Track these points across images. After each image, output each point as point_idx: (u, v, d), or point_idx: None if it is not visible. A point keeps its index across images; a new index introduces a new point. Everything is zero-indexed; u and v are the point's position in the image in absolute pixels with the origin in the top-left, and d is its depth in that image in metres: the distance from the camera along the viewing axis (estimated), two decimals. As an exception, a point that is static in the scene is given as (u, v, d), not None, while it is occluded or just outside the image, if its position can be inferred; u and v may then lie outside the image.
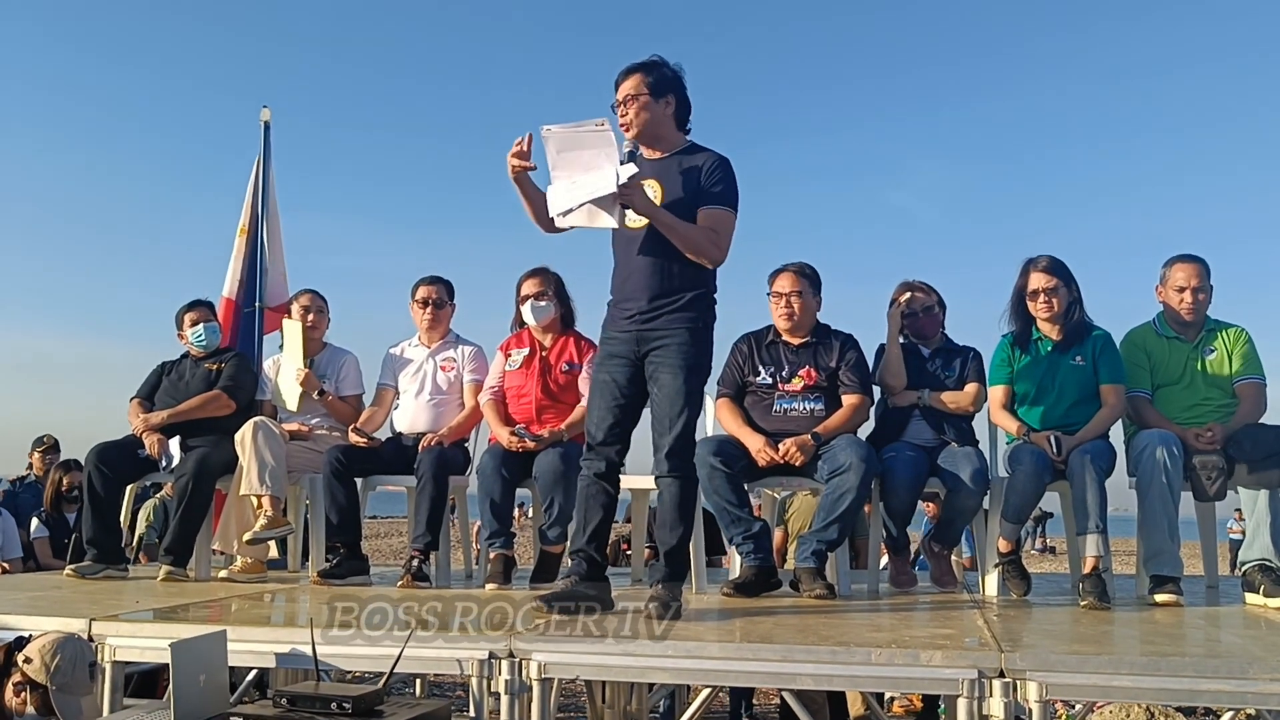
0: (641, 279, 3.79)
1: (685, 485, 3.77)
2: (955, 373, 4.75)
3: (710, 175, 3.76)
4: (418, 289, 5.40)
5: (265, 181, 6.72)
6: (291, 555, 5.81)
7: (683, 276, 3.75)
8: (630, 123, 3.79)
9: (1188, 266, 4.57)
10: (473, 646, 3.18)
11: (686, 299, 3.74)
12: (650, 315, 3.76)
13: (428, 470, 4.79)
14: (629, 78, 3.79)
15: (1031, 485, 4.26)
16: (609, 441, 3.83)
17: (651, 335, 3.75)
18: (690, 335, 3.72)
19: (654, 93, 3.78)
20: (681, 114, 3.86)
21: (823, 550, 4.30)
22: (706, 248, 3.72)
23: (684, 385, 3.68)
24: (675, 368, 3.68)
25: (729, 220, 3.76)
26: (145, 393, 5.44)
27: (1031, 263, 4.58)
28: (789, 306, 4.60)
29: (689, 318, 3.73)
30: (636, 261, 3.80)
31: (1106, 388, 4.47)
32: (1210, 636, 3.60)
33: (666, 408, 3.70)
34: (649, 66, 3.79)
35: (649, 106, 3.78)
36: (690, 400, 3.70)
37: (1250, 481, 4.19)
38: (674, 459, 3.72)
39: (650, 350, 3.75)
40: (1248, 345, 4.56)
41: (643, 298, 3.78)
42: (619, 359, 3.82)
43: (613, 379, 3.83)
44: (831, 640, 3.16)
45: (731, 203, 3.77)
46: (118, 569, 5.07)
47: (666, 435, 3.70)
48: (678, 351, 3.70)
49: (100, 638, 3.45)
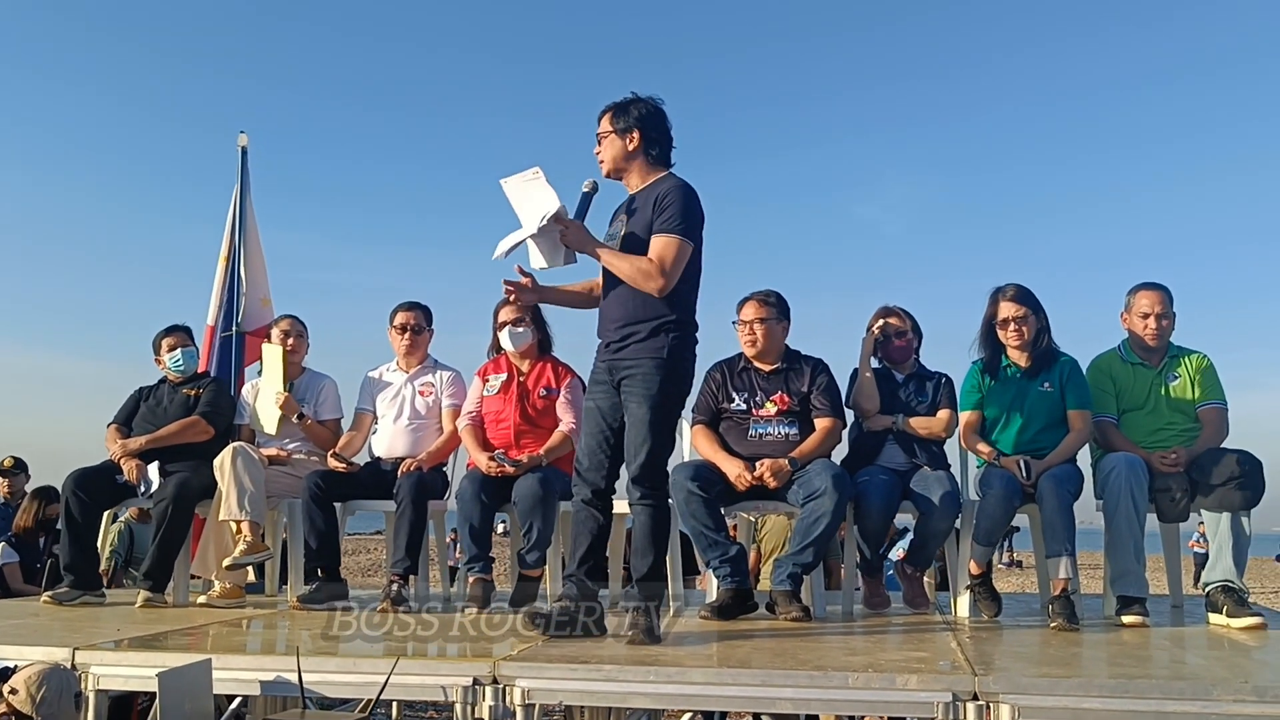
0: (610, 311, 3.92)
1: (655, 513, 3.85)
2: (927, 398, 4.84)
3: (661, 203, 3.81)
4: (396, 315, 5.44)
5: (243, 206, 6.76)
6: (269, 580, 5.81)
7: (646, 307, 3.81)
8: (601, 159, 3.94)
9: (1151, 294, 4.69)
10: (457, 673, 3.22)
11: (650, 329, 3.80)
12: (619, 346, 3.86)
13: (407, 495, 4.83)
14: (602, 116, 3.94)
15: (1001, 509, 4.36)
16: (594, 467, 3.91)
17: (621, 365, 3.85)
18: (655, 365, 3.77)
19: (619, 130, 3.89)
20: (654, 149, 3.92)
21: (798, 573, 4.37)
22: (641, 279, 3.77)
23: (648, 415, 3.75)
24: (640, 397, 3.76)
25: (673, 246, 3.75)
26: (122, 418, 5.44)
27: (1000, 291, 4.69)
28: (753, 334, 4.70)
29: (654, 347, 3.79)
30: (609, 293, 3.92)
31: (1074, 413, 4.58)
32: (1176, 658, 3.70)
33: (632, 436, 3.80)
34: (619, 105, 3.91)
35: (613, 143, 3.90)
36: (655, 430, 3.76)
37: (1213, 504, 4.29)
38: (641, 486, 3.79)
39: (620, 380, 3.85)
40: (1210, 371, 4.69)
41: (611, 329, 3.90)
42: (601, 386, 3.93)
43: (597, 406, 3.94)
44: (809, 664, 3.23)
45: (678, 229, 3.76)
46: (95, 595, 5.06)
47: (632, 464, 3.80)
48: (643, 381, 3.77)
49: (84, 666, 3.46)
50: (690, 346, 3.91)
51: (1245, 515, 4.28)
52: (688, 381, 3.92)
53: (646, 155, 3.92)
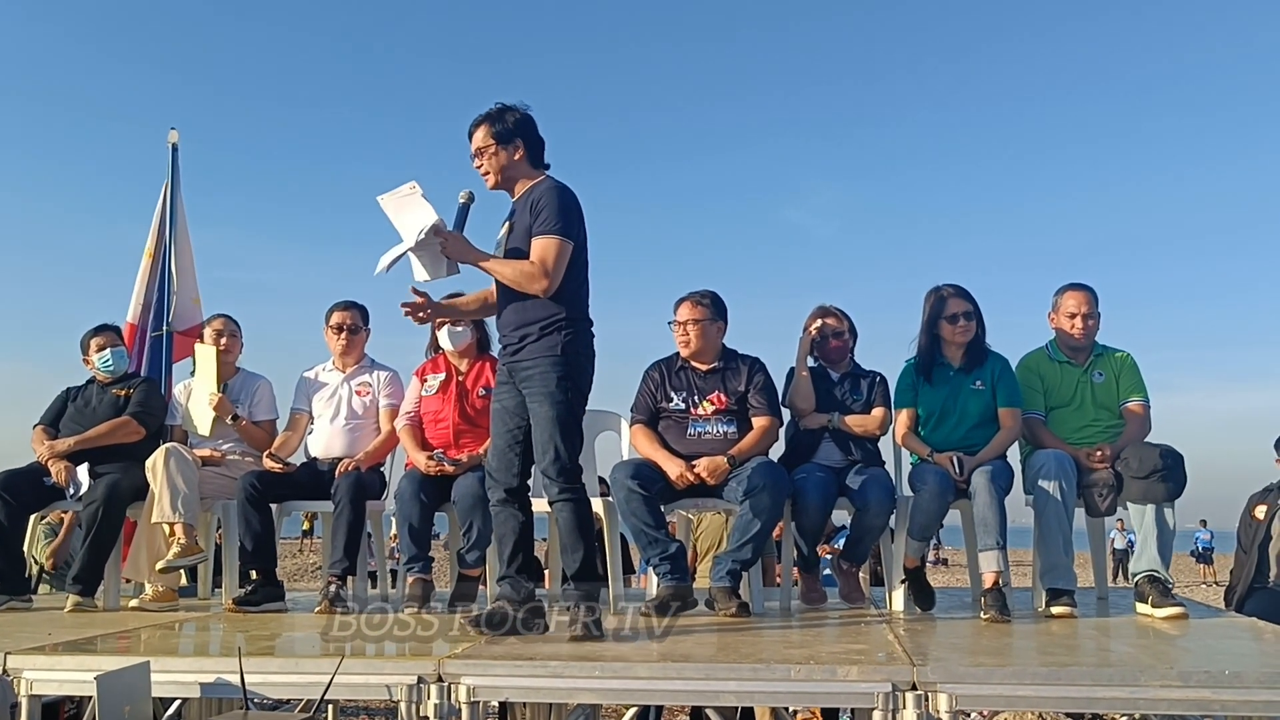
0: (504, 316, 3.98)
1: (576, 507, 3.85)
2: (862, 396, 4.93)
3: (536, 206, 3.85)
4: (332, 314, 5.40)
5: (173, 204, 6.64)
6: (202, 583, 5.73)
7: (535, 309, 3.85)
8: (487, 172, 3.95)
9: (1078, 294, 4.83)
10: (401, 671, 3.21)
11: (540, 329, 3.84)
12: (515, 348, 3.90)
13: (345, 495, 4.80)
14: (477, 130, 3.94)
15: (936, 504, 4.45)
16: (503, 467, 3.95)
17: (519, 367, 3.88)
18: (551, 364, 3.80)
19: (501, 141, 3.91)
20: (534, 154, 3.97)
21: (737, 570, 4.42)
22: (526, 282, 3.81)
23: (551, 412, 3.78)
24: (541, 397, 3.80)
25: (553, 247, 3.78)
26: (50, 419, 5.33)
27: (945, 288, 4.79)
28: (686, 334, 4.75)
29: (548, 346, 3.82)
30: (503, 297, 3.96)
31: (1004, 411, 4.69)
32: (1103, 646, 3.81)
33: (539, 435, 3.83)
34: (493, 117, 3.92)
35: (498, 154, 3.91)
36: (560, 424, 3.78)
37: (1138, 496, 4.42)
38: (557, 483, 3.80)
39: (521, 381, 3.89)
40: (1133, 369, 4.84)
41: (507, 332, 3.96)
42: (505, 387, 3.99)
43: (503, 406, 3.98)
44: (752, 658, 3.28)
45: (555, 229, 3.80)
46: (21, 600, 4.96)
47: (542, 461, 3.82)
48: (541, 381, 3.81)
49: (16, 671, 3.38)
50: (585, 342, 3.93)
51: (1169, 507, 4.41)
52: (587, 376, 3.94)
53: (529, 162, 3.96)
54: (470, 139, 3.96)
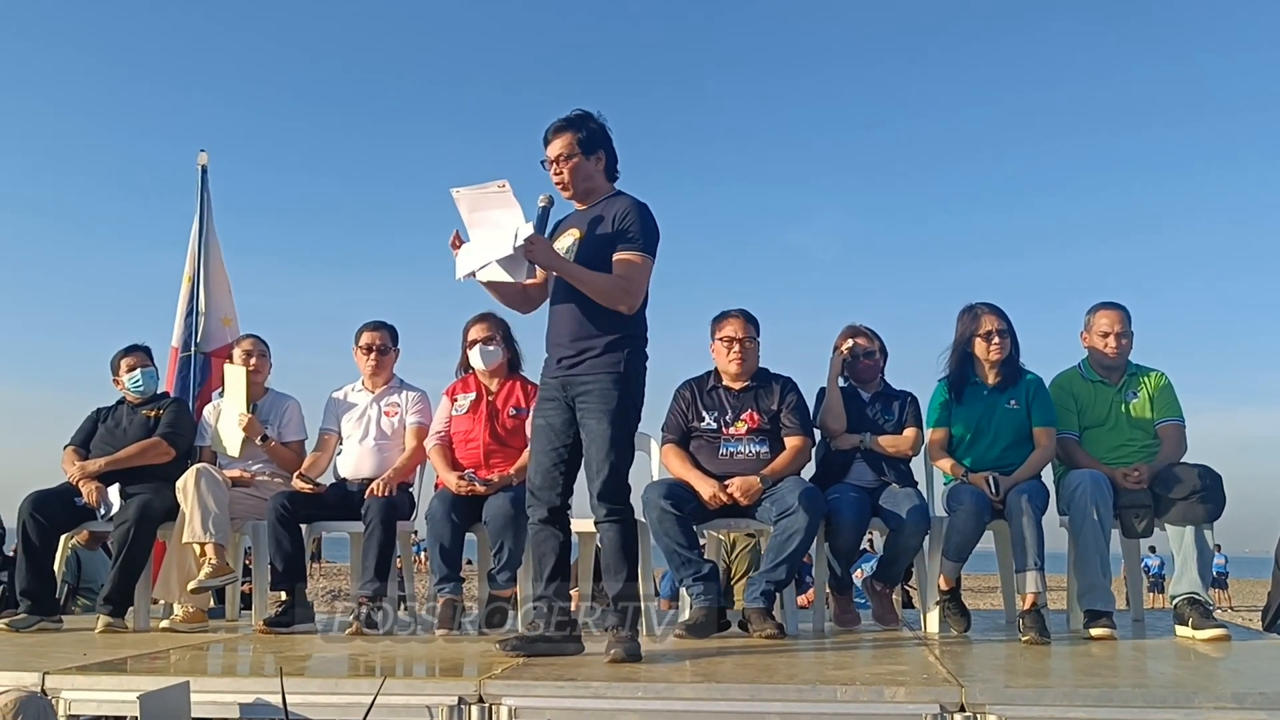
0: (564, 326, 3.87)
1: (624, 528, 3.81)
2: (894, 416, 4.90)
3: (623, 220, 3.80)
4: (361, 335, 5.39)
5: (204, 225, 6.68)
6: (230, 604, 5.71)
7: (602, 322, 3.79)
8: (565, 182, 3.86)
9: (1110, 313, 4.81)
10: (443, 692, 3.19)
11: (606, 344, 3.78)
12: (574, 361, 3.81)
13: (376, 516, 4.77)
14: (559, 136, 3.83)
15: (971, 524, 4.42)
16: (548, 485, 3.88)
17: (576, 381, 3.80)
18: (613, 381, 3.75)
19: (585, 150, 3.84)
20: (610, 165, 3.93)
21: (771, 590, 4.39)
22: (615, 296, 3.76)
23: (609, 430, 3.72)
24: (600, 413, 3.73)
25: (639, 264, 3.77)
26: (80, 440, 5.33)
27: (979, 306, 4.76)
28: (741, 351, 4.70)
29: (610, 362, 3.77)
30: (560, 309, 3.88)
31: (1039, 430, 4.66)
32: (1148, 668, 3.77)
33: (594, 453, 3.76)
34: (578, 123, 3.84)
35: (581, 165, 3.84)
36: (616, 445, 3.74)
37: (1176, 518, 4.39)
38: (607, 503, 3.76)
39: (577, 396, 3.80)
40: (1168, 389, 4.81)
41: (566, 344, 3.85)
42: (552, 403, 3.88)
43: (549, 423, 3.89)
44: (795, 679, 3.25)
45: (643, 247, 3.78)
46: (52, 621, 4.94)
47: (595, 481, 3.75)
48: (601, 397, 3.74)
49: (54, 691, 3.37)
50: (643, 360, 3.90)
51: (1208, 528, 4.38)
52: (643, 395, 3.90)
53: (607, 172, 3.93)
54: (547, 144, 3.85)
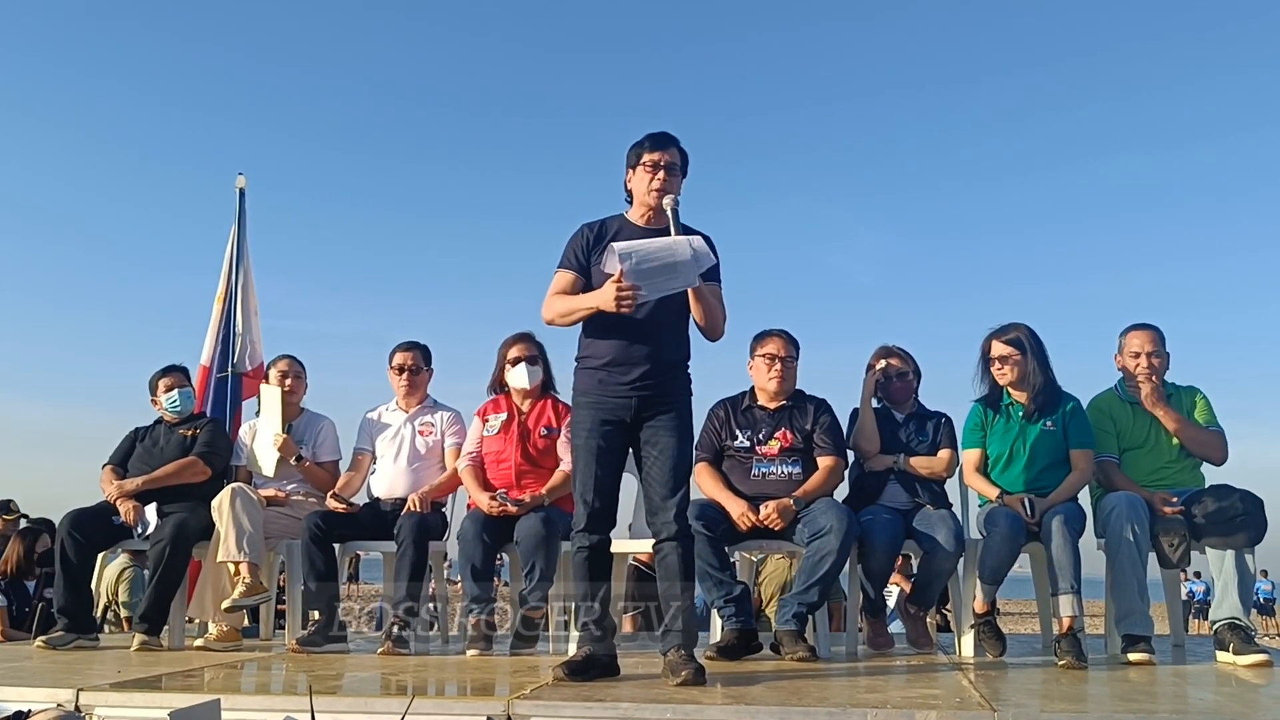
0: (647, 345, 3.79)
1: (691, 545, 3.84)
2: (928, 438, 4.86)
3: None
4: (394, 355, 5.43)
5: (240, 247, 6.77)
6: (264, 623, 5.74)
7: (682, 346, 3.88)
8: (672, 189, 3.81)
9: (1142, 334, 4.76)
10: (471, 712, 3.18)
11: (682, 367, 3.88)
12: (653, 384, 3.77)
13: (408, 535, 4.79)
14: (672, 147, 3.83)
15: (1007, 547, 4.37)
16: (609, 509, 3.86)
17: (656, 400, 3.78)
18: (689, 401, 3.85)
19: (684, 169, 3.88)
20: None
21: (804, 612, 4.35)
22: (721, 321, 3.86)
23: (686, 448, 3.80)
24: (680, 431, 3.77)
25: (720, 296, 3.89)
26: (118, 459, 5.40)
27: (994, 332, 4.76)
28: (781, 369, 4.70)
29: (685, 384, 3.87)
30: (640, 326, 3.77)
31: (1076, 453, 4.61)
32: (1188, 694, 3.70)
33: (670, 470, 3.73)
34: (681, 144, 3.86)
35: (679, 182, 3.85)
36: (689, 462, 3.83)
37: (1217, 543, 4.32)
38: (681, 520, 3.75)
39: (651, 415, 3.78)
40: (1205, 406, 4.75)
41: (647, 363, 3.78)
42: (613, 425, 3.80)
43: (609, 446, 3.80)
44: (827, 701, 3.21)
45: (719, 278, 3.90)
46: (88, 639, 4.99)
47: (672, 499, 3.72)
48: (680, 416, 3.80)
49: (88, 708, 3.39)
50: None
51: (1249, 553, 4.31)
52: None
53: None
54: (666, 149, 3.80)
